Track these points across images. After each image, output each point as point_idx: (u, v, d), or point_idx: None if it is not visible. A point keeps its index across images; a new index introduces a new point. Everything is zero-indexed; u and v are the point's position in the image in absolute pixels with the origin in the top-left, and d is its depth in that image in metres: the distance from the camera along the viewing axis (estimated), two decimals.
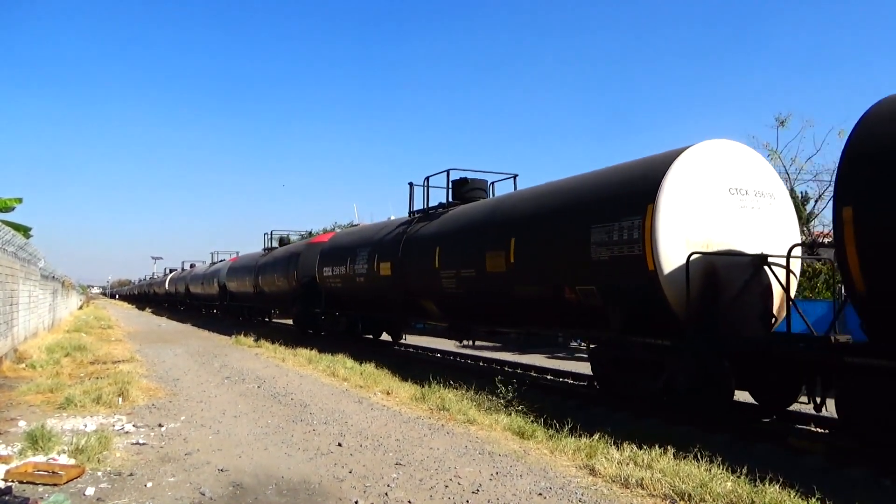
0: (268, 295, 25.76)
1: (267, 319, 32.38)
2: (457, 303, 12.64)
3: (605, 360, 9.64)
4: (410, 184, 15.50)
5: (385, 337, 19.80)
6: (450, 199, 14.44)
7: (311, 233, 27.92)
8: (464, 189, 14.27)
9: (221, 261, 39.04)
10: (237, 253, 39.29)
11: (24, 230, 19.49)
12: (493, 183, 14.77)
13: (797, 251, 8.48)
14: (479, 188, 14.36)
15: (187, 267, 53.89)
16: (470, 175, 14.60)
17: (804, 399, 7.69)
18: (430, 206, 14.76)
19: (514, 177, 14.40)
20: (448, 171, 14.62)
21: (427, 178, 15.02)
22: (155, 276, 79.08)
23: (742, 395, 8.59)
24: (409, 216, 15.37)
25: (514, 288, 10.50)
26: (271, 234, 28.78)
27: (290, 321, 34.49)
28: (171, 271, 62.19)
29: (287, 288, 22.52)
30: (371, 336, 19.77)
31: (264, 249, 28.14)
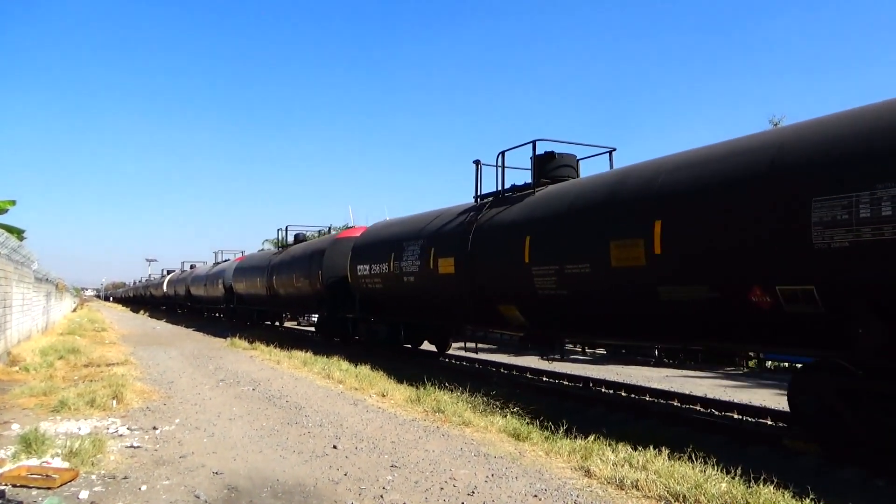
0: (283, 297, 23.02)
1: (277, 324, 30.70)
2: (556, 308, 9.68)
3: (825, 392, 6.50)
4: (477, 162, 12.73)
5: (426, 346, 17.29)
6: (535, 179, 11.33)
7: (330, 228, 24.33)
8: (550, 166, 11.35)
9: (226, 260, 36.44)
10: (242, 252, 37.72)
11: (18, 232, 19.42)
12: (579, 160, 11.86)
13: None
14: (568, 165, 11.50)
15: (187, 268, 50.21)
16: (557, 148, 11.64)
17: None
18: (504, 187, 11.98)
19: (611, 151, 11.54)
20: (534, 143, 11.49)
21: (502, 153, 12.07)
22: (151, 278, 75.90)
23: None
24: (476, 201, 12.63)
25: (659, 288, 7.77)
26: (286, 229, 25.17)
27: (301, 326, 32.95)
28: (168, 272, 58.73)
29: (309, 290, 19.74)
30: (410, 345, 16.93)
31: (278, 247, 25.28)
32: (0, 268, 13.68)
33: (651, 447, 6.22)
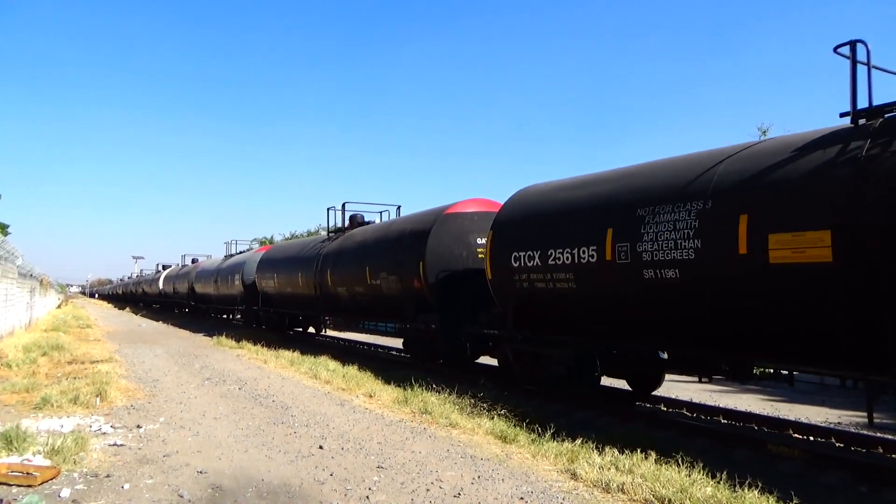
0: (345, 299, 16.57)
1: (320, 333, 24.05)
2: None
3: None
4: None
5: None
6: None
7: (399, 209, 18.15)
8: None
9: (242, 252, 30.98)
10: (264, 241, 34.60)
11: (1, 227, 19.22)
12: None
13: None
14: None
15: (188, 262, 42.60)
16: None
17: None
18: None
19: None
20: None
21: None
22: (143, 274, 68.25)
23: None
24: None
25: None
26: (343, 207, 19.13)
27: (360, 337, 25.41)
28: (164, 268, 51.14)
29: (397, 289, 13.70)
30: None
31: (331, 232, 18.94)
32: None
33: (637, 451, 6.24)
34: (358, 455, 6.52)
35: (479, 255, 12.46)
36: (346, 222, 18.83)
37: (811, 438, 8.06)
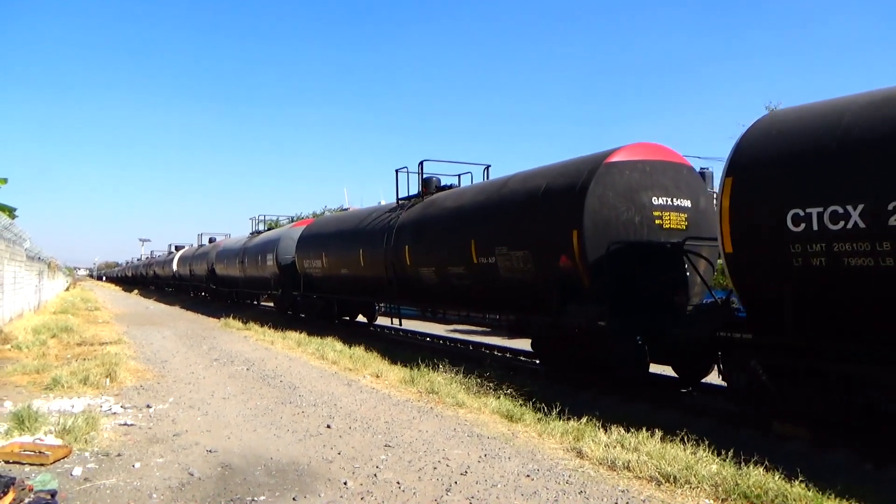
0: (435, 283, 12.48)
1: (372, 324, 20.07)
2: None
3: None
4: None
5: None
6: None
7: (488, 170, 14.29)
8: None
9: (271, 228, 28.23)
10: (291, 218, 30.80)
11: (9, 210, 19.29)
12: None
13: None
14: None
15: (205, 241, 39.23)
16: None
17: None
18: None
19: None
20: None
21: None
22: (154, 255, 64.36)
23: None
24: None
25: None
26: (421, 167, 14.46)
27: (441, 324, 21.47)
28: (176, 248, 47.61)
29: (527, 269, 9.75)
30: None
31: (402, 199, 14.72)
32: None
33: (643, 429, 6.27)
34: (365, 434, 6.57)
35: (658, 223, 8.99)
36: (420, 188, 14.46)
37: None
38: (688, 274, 8.95)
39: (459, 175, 14.64)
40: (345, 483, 5.07)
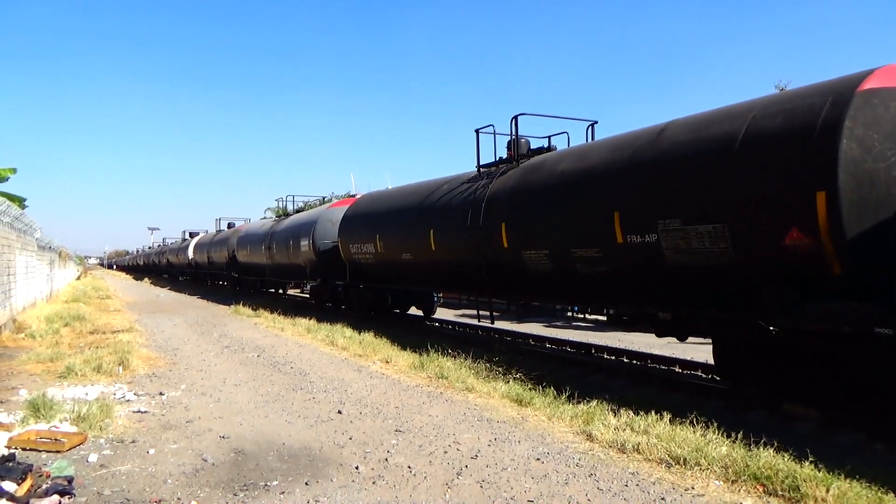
0: (548, 271, 9.66)
1: (430, 316, 17.44)
2: None
3: None
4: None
5: None
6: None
7: (593, 127, 11.53)
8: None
9: (302, 209, 24.60)
10: (323, 198, 26.92)
11: (19, 200, 19.42)
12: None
13: None
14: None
15: (223, 226, 35.53)
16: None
17: None
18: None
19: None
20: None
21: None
22: (166, 243, 61.11)
23: None
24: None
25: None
26: (516, 124, 11.26)
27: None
28: (190, 235, 44.83)
29: (720, 253, 6.93)
30: None
31: (484, 166, 12.09)
32: (3, 236, 13.69)
33: (652, 412, 6.28)
34: (376, 419, 6.62)
35: None
36: (513, 151, 11.51)
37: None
38: None
39: (549, 136, 11.70)
40: (356, 468, 5.12)
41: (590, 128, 11.47)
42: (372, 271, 15.91)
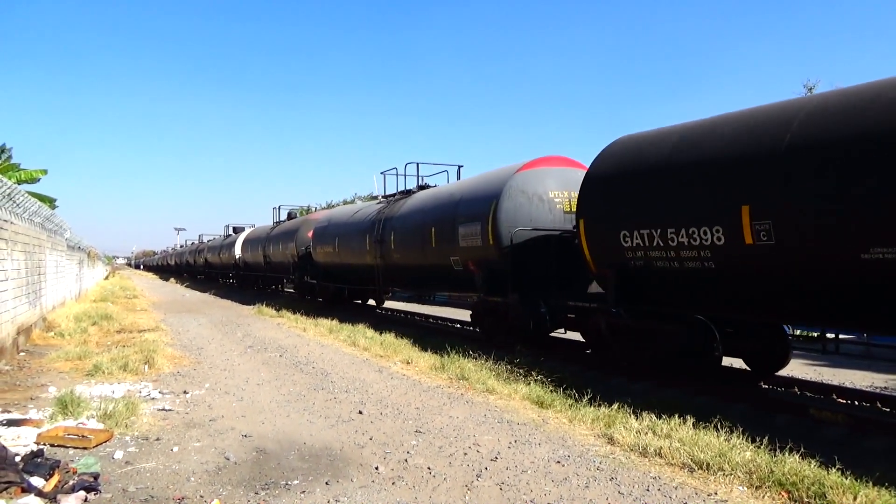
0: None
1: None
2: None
3: None
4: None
5: None
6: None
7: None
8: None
9: (380, 199, 17.91)
10: (402, 187, 17.02)
11: (49, 201, 19.82)
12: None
13: None
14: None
15: (282, 216, 29.19)
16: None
17: None
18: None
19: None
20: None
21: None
22: (203, 241, 51.30)
23: None
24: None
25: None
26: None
27: None
28: (234, 230, 38.83)
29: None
30: None
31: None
32: (34, 236, 13.98)
33: (675, 416, 6.21)
34: (396, 420, 6.64)
35: None
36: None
37: (855, 403, 7.90)
38: None
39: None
40: (376, 468, 5.14)
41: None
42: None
